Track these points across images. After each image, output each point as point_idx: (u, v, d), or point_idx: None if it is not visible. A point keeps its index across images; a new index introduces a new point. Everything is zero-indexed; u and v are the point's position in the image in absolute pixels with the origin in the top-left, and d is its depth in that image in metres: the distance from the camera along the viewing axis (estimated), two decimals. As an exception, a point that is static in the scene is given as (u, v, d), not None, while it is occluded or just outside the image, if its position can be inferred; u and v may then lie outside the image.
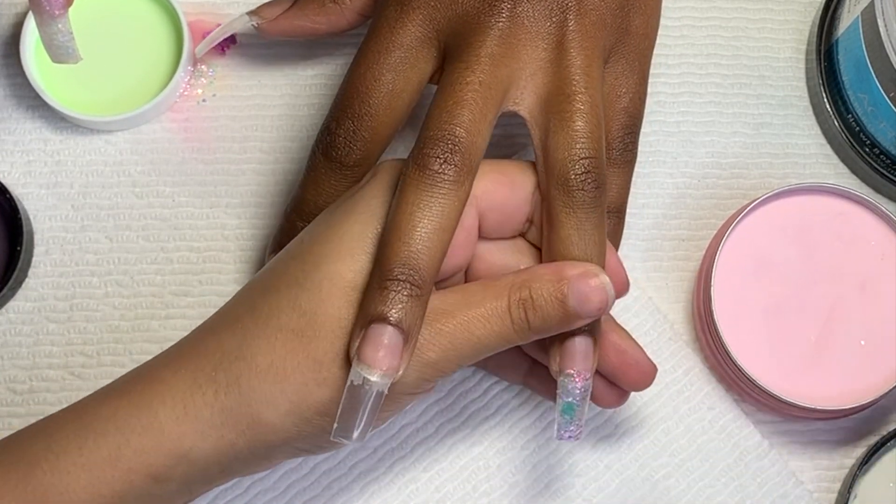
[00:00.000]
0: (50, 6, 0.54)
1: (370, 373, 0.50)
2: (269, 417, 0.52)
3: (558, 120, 0.55)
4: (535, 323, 0.53)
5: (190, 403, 0.52)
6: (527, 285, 0.53)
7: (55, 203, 0.68)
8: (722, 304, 0.64)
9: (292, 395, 0.52)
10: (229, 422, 0.52)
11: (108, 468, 0.52)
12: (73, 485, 0.52)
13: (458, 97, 0.54)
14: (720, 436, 0.66)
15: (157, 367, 0.54)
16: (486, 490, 0.66)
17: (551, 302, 0.53)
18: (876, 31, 0.63)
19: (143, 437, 0.52)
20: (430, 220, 0.51)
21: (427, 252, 0.51)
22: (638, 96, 0.59)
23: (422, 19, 0.56)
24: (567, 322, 0.53)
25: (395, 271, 0.51)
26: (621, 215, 0.60)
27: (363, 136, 0.57)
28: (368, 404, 0.51)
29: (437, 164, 0.52)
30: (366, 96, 0.56)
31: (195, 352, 0.53)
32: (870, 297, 0.65)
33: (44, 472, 0.52)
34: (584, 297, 0.53)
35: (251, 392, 0.52)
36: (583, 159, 0.54)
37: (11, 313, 0.67)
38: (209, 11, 0.70)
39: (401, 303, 0.51)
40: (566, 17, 0.56)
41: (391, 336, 0.50)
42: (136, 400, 0.53)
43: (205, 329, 0.55)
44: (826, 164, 0.70)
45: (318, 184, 0.58)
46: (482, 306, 0.53)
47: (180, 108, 0.70)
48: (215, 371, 0.52)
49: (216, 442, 0.52)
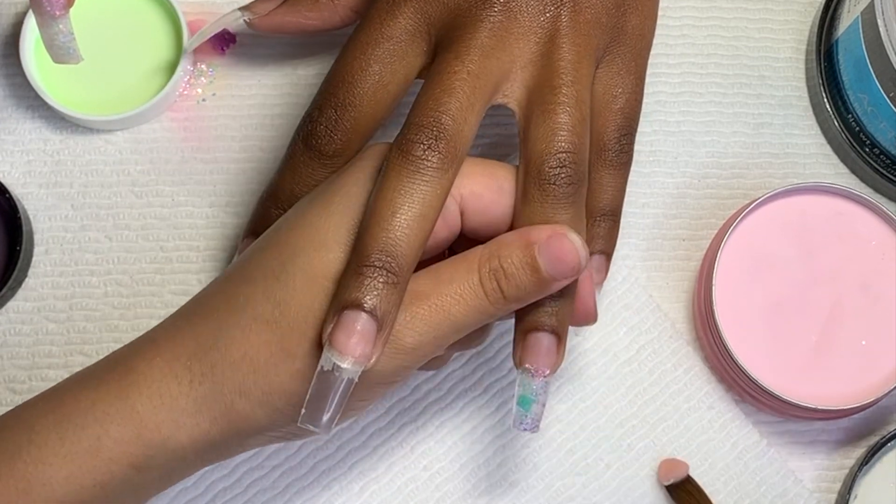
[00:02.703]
0: (51, 7, 0.54)
1: (341, 359, 0.50)
2: (241, 407, 0.52)
3: (541, 112, 0.54)
4: (510, 292, 0.52)
5: (166, 393, 0.52)
6: (496, 255, 0.52)
7: (55, 203, 0.68)
8: (722, 303, 0.64)
9: (265, 386, 0.52)
10: (203, 410, 0.52)
11: (90, 458, 0.52)
12: (55, 476, 0.52)
13: (445, 85, 0.53)
14: (720, 435, 0.66)
15: (133, 355, 0.54)
16: (485, 489, 0.66)
17: (522, 268, 0.52)
18: (876, 31, 0.63)
19: (122, 427, 0.52)
20: (410, 207, 0.51)
21: (406, 239, 0.51)
22: (634, 97, 0.59)
23: (413, 12, 0.56)
24: (543, 287, 0.52)
25: (373, 257, 0.50)
26: (616, 219, 0.59)
27: (345, 125, 0.56)
28: (338, 392, 0.50)
29: (420, 150, 0.51)
30: (351, 86, 0.56)
31: (171, 341, 0.53)
32: (870, 297, 0.65)
33: (25, 463, 0.52)
34: (555, 258, 0.52)
35: (225, 381, 0.52)
36: (560, 153, 0.53)
37: (11, 313, 0.67)
38: (209, 11, 0.70)
39: (376, 290, 0.50)
40: (560, 13, 0.55)
41: (364, 323, 0.50)
42: (113, 390, 0.53)
43: (180, 316, 0.55)
44: (826, 164, 0.70)
45: (295, 171, 0.58)
46: (454, 283, 0.52)
47: (180, 107, 0.70)
48: (190, 360, 0.52)
49: (191, 430, 0.52)
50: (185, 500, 0.65)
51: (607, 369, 0.67)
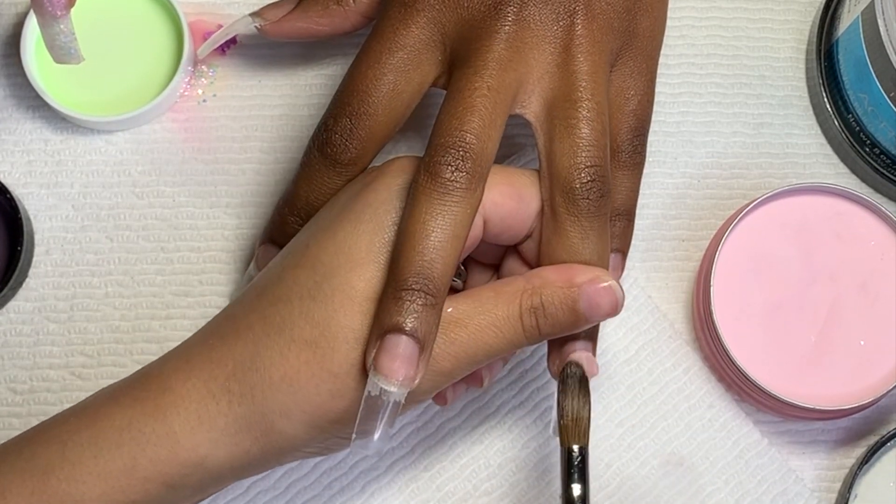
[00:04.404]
0: (52, 7, 0.54)
1: (387, 383, 0.50)
2: (283, 427, 0.52)
3: (563, 126, 0.55)
4: (546, 329, 0.54)
5: (204, 413, 0.52)
6: (538, 292, 0.54)
7: (55, 203, 0.68)
8: (721, 303, 0.64)
9: (306, 406, 0.52)
10: (243, 430, 0.52)
11: (124, 478, 0.52)
12: (88, 493, 0.52)
13: (467, 103, 0.53)
14: (720, 434, 0.66)
15: (168, 373, 0.54)
16: (486, 489, 0.66)
17: (562, 309, 0.54)
18: (876, 31, 0.63)
19: (159, 447, 0.52)
20: (443, 230, 0.51)
21: (441, 261, 0.51)
22: (646, 98, 0.59)
23: (426, 21, 0.56)
24: (578, 326, 0.54)
25: (410, 281, 0.51)
26: (630, 218, 0.60)
27: (360, 134, 0.57)
28: (386, 414, 0.51)
29: (448, 172, 0.52)
30: (365, 95, 0.56)
31: (206, 360, 0.53)
32: (869, 297, 0.65)
33: (59, 480, 0.52)
34: (594, 302, 0.54)
35: (265, 402, 0.52)
36: (588, 167, 0.54)
37: (12, 313, 0.67)
38: (209, 11, 0.70)
39: (415, 312, 0.51)
40: (573, 21, 0.56)
41: (407, 346, 0.50)
42: (149, 410, 0.53)
43: (212, 335, 0.55)
44: (826, 164, 0.70)
45: (311, 180, 0.58)
46: (493, 314, 0.53)
47: (181, 108, 0.70)
48: (228, 381, 0.52)
49: (231, 449, 0.53)
50: (186, 500, 0.65)
51: (607, 369, 0.67)
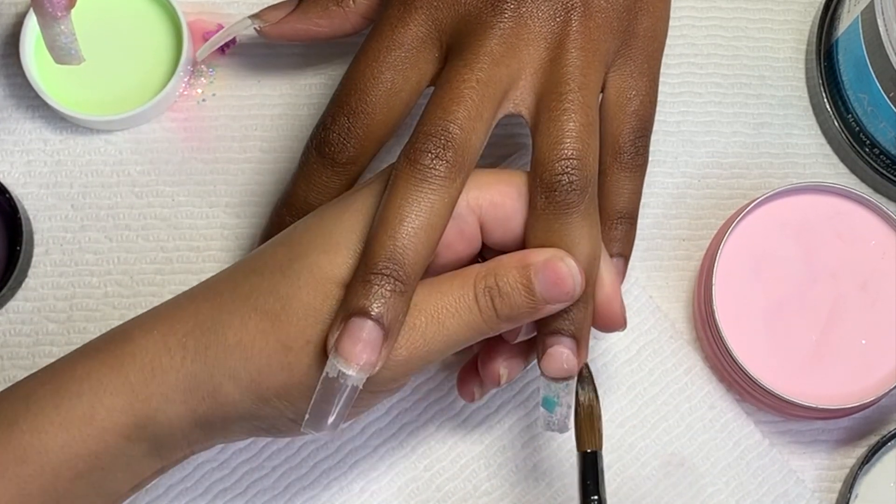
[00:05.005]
0: (52, 7, 0.54)
1: (346, 367, 0.50)
2: (229, 390, 0.53)
3: (547, 118, 0.54)
4: (503, 311, 0.53)
5: (157, 366, 0.53)
6: (492, 273, 0.53)
7: (55, 203, 0.68)
8: (722, 303, 0.65)
9: (255, 374, 0.52)
10: (192, 388, 0.53)
11: (84, 427, 0.53)
12: (50, 444, 0.52)
13: (454, 94, 0.53)
14: (721, 434, 0.66)
15: (133, 326, 0.55)
16: (486, 489, 0.66)
17: (517, 289, 0.53)
18: (876, 31, 0.63)
19: (115, 396, 0.53)
20: (418, 216, 0.51)
21: (413, 248, 0.51)
22: (648, 99, 0.59)
23: (424, 19, 0.56)
24: (536, 309, 0.53)
25: (381, 265, 0.51)
26: (633, 222, 0.59)
27: (358, 133, 0.56)
28: (342, 398, 0.51)
29: (428, 159, 0.52)
30: (363, 93, 0.56)
31: (170, 315, 0.54)
32: (870, 297, 0.65)
33: (22, 431, 0.53)
34: (550, 282, 0.53)
35: (216, 363, 0.52)
36: (565, 159, 0.53)
37: (11, 313, 0.67)
38: (209, 11, 0.70)
39: (383, 297, 0.50)
40: (570, 18, 0.55)
41: (371, 331, 0.50)
42: (108, 360, 0.53)
43: (185, 296, 0.55)
44: (826, 164, 0.70)
45: (309, 179, 0.58)
46: (449, 295, 0.53)
47: (180, 107, 0.70)
48: (185, 337, 0.53)
49: (179, 406, 0.53)
50: (185, 500, 0.65)
51: (607, 370, 0.67)
